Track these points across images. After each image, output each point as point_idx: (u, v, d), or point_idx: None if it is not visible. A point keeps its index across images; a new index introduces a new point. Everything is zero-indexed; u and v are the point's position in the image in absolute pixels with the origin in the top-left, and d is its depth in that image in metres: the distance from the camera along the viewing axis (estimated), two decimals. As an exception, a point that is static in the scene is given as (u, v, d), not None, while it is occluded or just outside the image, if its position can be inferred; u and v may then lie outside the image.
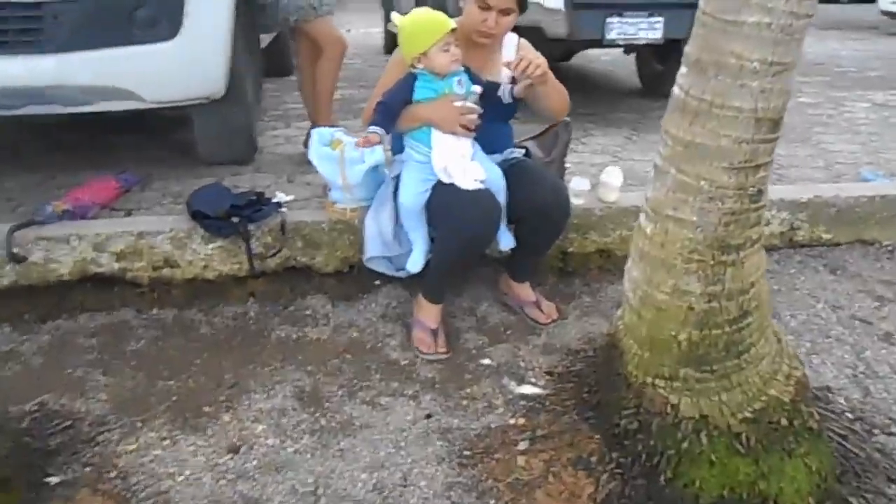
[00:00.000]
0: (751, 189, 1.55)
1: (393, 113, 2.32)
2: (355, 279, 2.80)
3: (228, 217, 2.60)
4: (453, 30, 2.23)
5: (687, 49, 1.55)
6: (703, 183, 1.55)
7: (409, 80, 2.33)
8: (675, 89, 1.59)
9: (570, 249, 2.89)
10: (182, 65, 2.92)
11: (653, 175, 1.69)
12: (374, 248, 2.65)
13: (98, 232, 2.60)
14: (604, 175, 2.92)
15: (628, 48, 5.34)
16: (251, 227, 2.65)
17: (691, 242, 1.60)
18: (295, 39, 3.69)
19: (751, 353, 1.68)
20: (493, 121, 2.42)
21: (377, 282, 2.79)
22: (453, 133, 2.31)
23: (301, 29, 3.51)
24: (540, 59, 2.26)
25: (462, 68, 2.33)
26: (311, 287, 2.78)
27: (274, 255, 2.69)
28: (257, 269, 2.69)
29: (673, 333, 1.68)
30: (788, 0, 1.38)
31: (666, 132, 1.62)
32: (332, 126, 3.29)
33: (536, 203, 2.39)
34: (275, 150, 3.91)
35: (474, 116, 2.32)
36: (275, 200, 2.91)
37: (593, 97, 5.61)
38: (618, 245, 2.91)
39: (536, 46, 2.53)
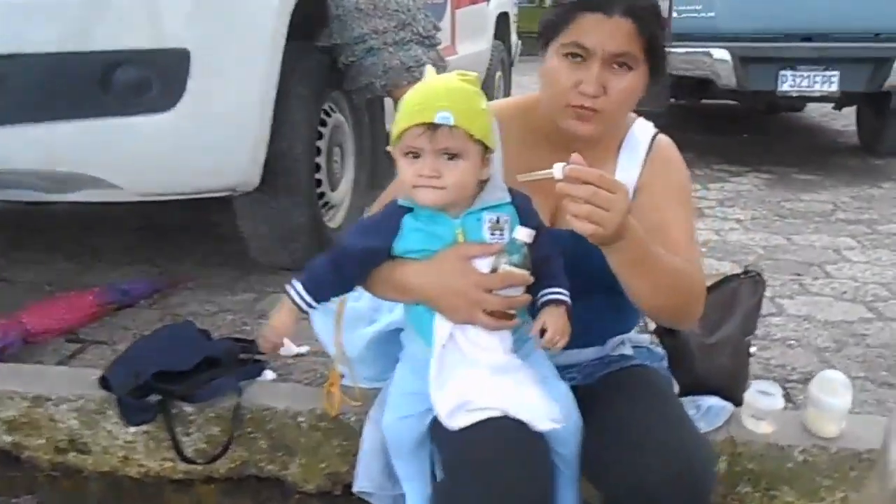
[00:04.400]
0: None
1: (347, 273, 1.19)
2: (353, 505, 1.69)
3: (145, 393, 1.63)
4: (432, 125, 1.07)
5: None
6: None
7: (393, 215, 1.19)
8: None
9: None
10: (182, 145, 2.05)
11: None
12: (365, 478, 1.53)
13: (-15, 389, 1.78)
14: (815, 386, 1.53)
15: (840, 103, 5.10)
16: (190, 408, 1.67)
17: None
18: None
19: None
20: (587, 293, 1.18)
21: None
22: (469, 323, 1.14)
23: (393, 96, 2.53)
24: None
25: (502, 198, 1.17)
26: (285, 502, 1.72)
27: (219, 455, 1.66)
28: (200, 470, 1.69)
29: None
30: None
31: None
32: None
33: (633, 476, 1.11)
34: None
35: (519, 292, 1.13)
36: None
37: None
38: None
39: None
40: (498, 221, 1.15)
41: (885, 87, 4.17)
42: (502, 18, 5.23)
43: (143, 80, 1.97)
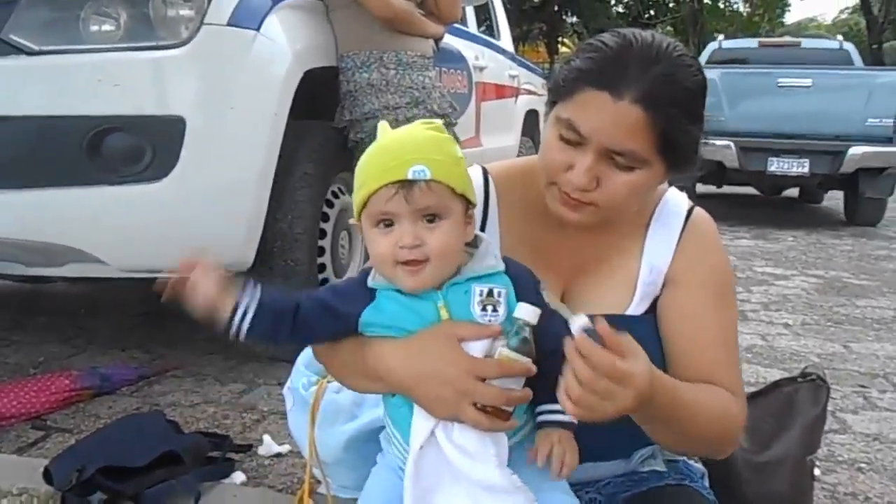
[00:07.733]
0: None
1: (299, 319, 0.95)
2: None
3: (89, 490, 1.42)
4: (406, 183, 0.90)
5: None
6: None
7: (363, 286, 0.98)
8: None
9: None
10: (172, 219, 1.91)
11: None
12: None
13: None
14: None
15: (823, 185, 6.90)
16: (140, 511, 1.44)
17: None
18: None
19: None
20: None
21: None
22: (455, 419, 0.92)
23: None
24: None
25: (494, 266, 0.95)
26: None
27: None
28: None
29: None
30: None
31: None
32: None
33: None
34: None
35: (519, 385, 0.90)
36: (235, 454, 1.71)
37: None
38: None
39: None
40: (491, 294, 0.93)
41: (841, 171, 5.98)
42: (531, 116, 5.15)
43: (133, 148, 1.86)
